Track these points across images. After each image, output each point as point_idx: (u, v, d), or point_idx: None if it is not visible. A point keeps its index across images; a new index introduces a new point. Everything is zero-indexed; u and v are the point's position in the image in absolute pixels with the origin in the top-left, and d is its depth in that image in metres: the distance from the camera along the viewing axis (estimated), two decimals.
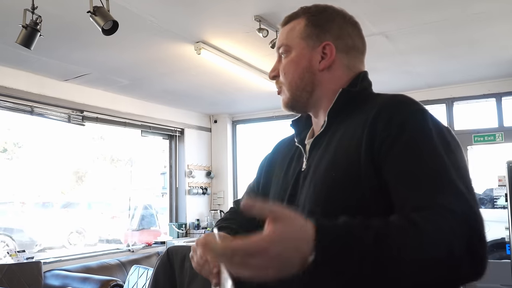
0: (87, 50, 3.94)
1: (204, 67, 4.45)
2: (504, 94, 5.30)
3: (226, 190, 7.07)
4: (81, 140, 6.49)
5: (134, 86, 5.16)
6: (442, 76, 5.09)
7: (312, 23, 1.14)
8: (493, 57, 4.51)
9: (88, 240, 8.28)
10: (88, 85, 5.03)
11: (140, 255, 5.61)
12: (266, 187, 1.26)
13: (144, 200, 7.61)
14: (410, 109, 0.97)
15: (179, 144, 6.68)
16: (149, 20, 3.32)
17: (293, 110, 1.20)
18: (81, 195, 8.05)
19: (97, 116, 5.31)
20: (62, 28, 3.40)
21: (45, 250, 7.06)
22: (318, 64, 1.12)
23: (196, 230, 6.58)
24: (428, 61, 4.55)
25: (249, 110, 6.92)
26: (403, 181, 0.89)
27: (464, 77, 5.18)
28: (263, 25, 3.42)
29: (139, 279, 3.79)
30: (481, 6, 3.26)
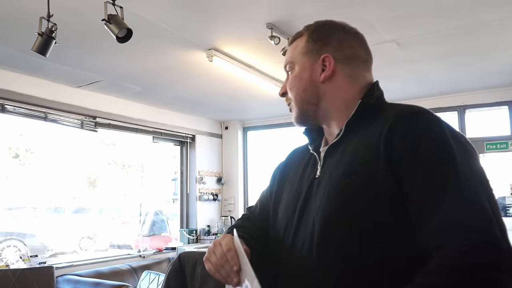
0: (100, 57, 3.99)
1: (215, 74, 4.48)
2: None
3: (236, 196, 7.08)
4: (93, 146, 6.54)
5: (146, 93, 5.20)
6: (454, 83, 5.07)
7: (312, 38, 1.18)
8: (504, 65, 4.49)
9: (99, 245, 8.32)
10: (100, 91, 5.08)
11: (151, 260, 5.63)
12: (279, 194, 1.27)
13: (155, 206, 7.64)
14: (425, 120, 0.99)
15: (190, 150, 6.71)
16: (162, 27, 3.36)
17: (304, 124, 1.24)
18: (93, 201, 8.10)
19: (110, 122, 5.36)
20: (75, 35, 3.44)
21: (56, 255, 7.11)
22: (319, 76, 1.15)
23: (207, 236, 6.59)
24: (440, 68, 4.53)
25: (260, 117, 6.94)
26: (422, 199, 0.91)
27: (476, 85, 5.16)
28: (275, 32, 3.44)
29: (150, 284, 3.80)
30: (493, 14, 3.26)
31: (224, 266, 1.05)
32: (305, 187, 1.15)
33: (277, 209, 1.25)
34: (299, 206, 1.13)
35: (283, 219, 1.18)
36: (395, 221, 0.94)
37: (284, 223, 1.16)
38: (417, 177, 0.92)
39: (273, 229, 1.22)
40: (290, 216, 1.15)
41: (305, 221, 1.10)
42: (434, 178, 0.91)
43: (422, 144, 0.94)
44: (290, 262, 1.10)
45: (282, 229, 1.16)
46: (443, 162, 0.92)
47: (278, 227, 1.19)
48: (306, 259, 1.04)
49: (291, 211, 1.16)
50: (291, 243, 1.10)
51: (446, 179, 0.90)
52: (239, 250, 1.04)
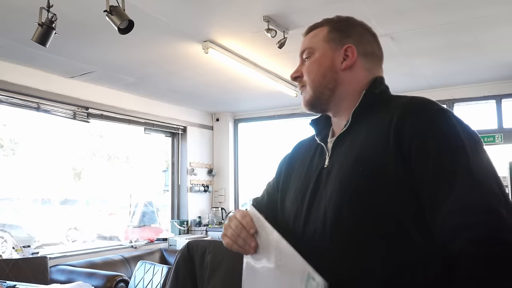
0: (95, 48, 3.98)
1: (210, 65, 4.50)
2: (504, 96, 5.38)
3: (227, 188, 7.12)
4: (80, 137, 6.50)
5: (139, 84, 5.20)
6: (444, 77, 5.15)
7: (335, 29, 1.21)
8: (495, 60, 4.58)
9: (86, 237, 8.30)
10: (93, 82, 5.07)
11: (143, 251, 5.66)
12: (286, 185, 1.30)
13: (145, 197, 7.64)
14: (433, 109, 1.04)
15: (181, 141, 6.72)
16: (160, 19, 3.36)
17: (314, 108, 1.25)
18: (79, 192, 8.06)
19: (102, 113, 5.34)
20: (71, 26, 3.43)
21: (43, 247, 7.07)
22: (340, 64, 1.19)
23: (198, 227, 6.63)
24: (431, 62, 4.61)
25: (252, 109, 6.98)
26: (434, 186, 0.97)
27: (466, 79, 5.25)
28: (272, 25, 3.47)
29: (145, 274, 3.84)
30: (486, 10, 3.33)
31: (241, 234, 1.09)
32: (314, 177, 1.18)
33: (284, 199, 1.28)
34: (308, 196, 1.16)
35: (292, 209, 1.21)
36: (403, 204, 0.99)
37: (294, 213, 1.19)
38: (428, 164, 0.97)
39: (281, 219, 1.25)
40: (299, 206, 1.18)
41: (315, 210, 1.13)
42: (444, 165, 0.96)
43: (431, 133, 0.99)
44: (301, 250, 1.14)
45: (291, 219, 1.19)
46: (453, 149, 0.97)
47: (287, 216, 1.22)
48: (318, 247, 1.07)
49: (300, 201, 1.19)
50: (302, 231, 1.13)
51: (456, 166, 0.95)
52: (255, 215, 1.09)
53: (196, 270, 1.57)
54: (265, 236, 1.08)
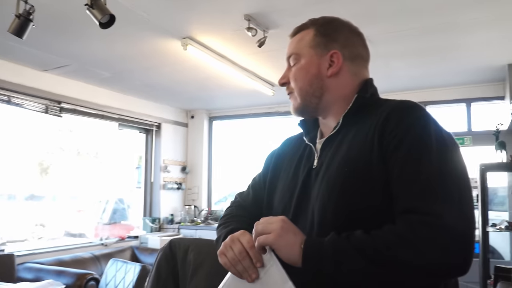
0: (71, 41, 3.89)
1: (188, 62, 4.46)
2: (473, 100, 5.53)
3: (200, 185, 7.09)
4: (48, 132, 6.35)
5: (115, 79, 5.12)
6: (418, 80, 5.26)
7: (320, 33, 1.21)
8: (467, 64, 4.71)
9: (53, 234, 8.11)
10: (67, 76, 4.96)
11: (113, 249, 5.58)
12: (274, 182, 1.31)
13: (117, 194, 7.52)
14: (415, 115, 1.06)
15: (155, 138, 6.66)
16: (140, 14, 3.32)
17: (303, 115, 1.27)
18: (47, 188, 7.87)
19: (75, 108, 5.24)
20: (48, 18, 3.34)
21: (6, 244, 6.89)
22: (326, 71, 1.20)
23: (170, 225, 6.58)
24: (406, 65, 4.70)
25: (227, 107, 6.96)
26: (402, 182, 0.99)
27: (438, 82, 5.37)
28: (252, 24, 3.47)
29: (117, 272, 3.77)
30: (460, 15, 3.42)
31: (242, 262, 1.05)
32: (302, 176, 1.19)
33: (272, 196, 1.29)
34: (296, 195, 1.18)
35: (279, 207, 1.23)
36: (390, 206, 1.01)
37: (281, 211, 1.20)
38: (396, 165, 1.00)
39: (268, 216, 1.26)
40: (286, 204, 1.20)
41: (304, 209, 1.14)
42: (409, 167, 0.99)
43: (408, 136, 1.02)
44: None
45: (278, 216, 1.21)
46: (419, 156, 1.00)
47: (274, 213, 1.23)
48: None
49: (287, 199, 1.20)
50: None
51: (418, 170, 0.98)
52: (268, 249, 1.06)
53: (178, 268, 1.56)
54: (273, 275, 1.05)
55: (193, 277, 1.50)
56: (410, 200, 0.96)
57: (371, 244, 0.94)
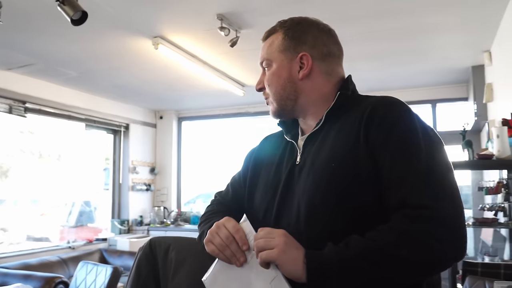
0: (37, 40, 3.79)
1: (159, 62, 4.42)
2: (438, 101, 5.69)
3: (169, 186, 7.03)
4: (8, 133, 6.17)
5: (82, 79, 5.02)
6: (384, 81, 5.37)
7: (288, 36, 1.22)
8: (433, 66, 4.84)
9: (14, 238, 7.86)
10: (32, 75, 4.83)
11: (81, 252, 5.46)
12: (255, 179, 1.31)
13: (83, 196, 7.37)
14: (399, 109, 1.09)
15: (123, 139, 6.56)
16: (108, 11, 3.26)
17: (281, 117, 1.29)
18: (7, 191, 7.64)
19: (40, 108, 5.11)
20: (10, 15, 3.23)
21: None
22: (297, 74, 1.21)
23: (139, 226, 6.50)
24: (373, 67, 4.79)
25: (197, 107, 6.93)
26: (393, 178, 1.02)
27: (404, 83, 5.50)
28: (225, 24, 3.47)
29: (88, 275, 3.70)
30: (427, 18, 3.51)
31: (230, 246, 1.08)
32: (285, 173, 1.21)
33: (253, 193, 1.29)
34: (279, 191, 1.19)
35: (262, 204, 1.23)
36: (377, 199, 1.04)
37: (264, 208, 1.21)
38: (386, 160, 1.03)
39: (249, 213, 1.25)
40: (269, 201, 1.20)
41: (288, 205, 1.15)
42: (399, 162, 1.02)
43: (395, 131, 1.05)
44: None
45: (261, 213, 1.21)
46: (408, 151, 1.03)
47: (256, 211, 1.24)
48: None
49: (271, 196, 1.21)
50: (274, 225, 1.14)
51: (409, 164, 1.01)
52: (250, 231, 1.09)
53: (159, 267, 1.54)
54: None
55: (175, 276, 1.48)
56: (403, 195, 0.98)
57: (372, 247, 0.95)
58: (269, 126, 5.90)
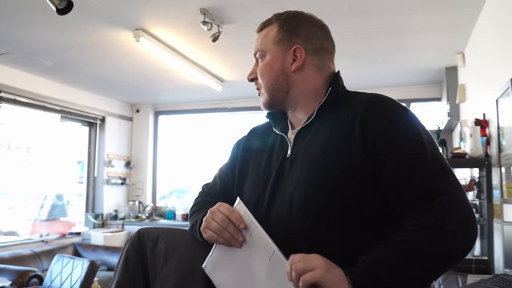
0: (15, 28, 3.72)
1: (140, 55, 4.39)
2: (413, 100, 5.82)
3: (145, 181, 6.99)
4: None
5: (59, 69, 4.94)
6: (359, 81, 5.44)
7: (283, 28, 1.24)
8: (408, 66, 4.95)
9: None
10: (7, 64, 4.73)
11: (54, 245, 5.39)
12: (244, 172, 1.33)
13: (56, 189, 7.25)
14: (392, 107, 1.13)
15: (99, 132, 6.48)
16: (92, 2, 3.23)
17: (272, 109, 1.30)
18: None
19: (15, 98, 5.00)
20: None
21: None
22: (290, 66, 1.23)
23: (114, 221, 6.44)
24: (349, 66, 4.85)
25: (174, 101, 6.90)
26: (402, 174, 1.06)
27: (379, 83, 5.60)
28: (207, 18, 3.47)
29: (63, 268, 3.65)
30: (405, 19, 3.60)
31: (227, 228, 1.11)
32: (276, 165, 1.22)
33: (242, 185, 1.31)
34: (270, 183, 1.20)
35: (252, 196, 1.24)
36: (373, 194, 1.08)
37: (254, 200, 1.22)
38: (393, 155, 1.07)
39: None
40: (260, 193, 1.22)
41: (279, 197, 1.17)
42: (406, 155, 1.07)
43: (394, 128, 1.09)
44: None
45: (251, 205, 1.21)
46: (414, 142, 1.08)
47: (246, 202, 1.23)
48: (282, 231, 1.11)
49: (261, 188, 1.22)
50: (264, 217, 1.16)
51: (416, 156, 1.06)
52: (245, 211, 1.12)
53: (147, 257, 1.53)
54: (255, 236, 1.10)
55: (164, 266, 1.48)
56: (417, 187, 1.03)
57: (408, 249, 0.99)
58: (246, 122, 5.90)
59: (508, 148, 2.69)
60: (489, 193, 3.12)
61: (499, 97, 2.83)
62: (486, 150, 3.20)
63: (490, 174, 3.13)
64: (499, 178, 2.93)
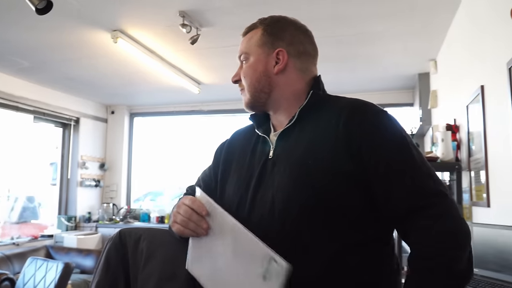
0: None
1: (117, 56, 4.37)
2: (386, 106, 5.92)
3: (119, 183, 6.93)
4: None
5: (34, 69, 4.86)
6: (335, 85, 5.51)
7: (267, 32, 1.28)
8: (382, 72, 5.06)
9: None
10: None
11: (26, 248, 5.30)
12: (226, 173, 1.34)
13: (27, 191, 7.11)
14: (374, 111, 1.17)
15: (73, 133, 6.40)
16: (70, 2, 3.21)
17: (253, 109, 1.33)
18: None
19: None
20: None
21: None
22: (273, 68, 1.26)
23: (87, 223, 6.36)
24: (327, 71, 4.90)
25: (150, 103, 6.87)
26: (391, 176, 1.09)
27: (353, 88, 5.68)
28: (186, 21, 3.49)
29: (37, 271, 3.60)
30: (380, 26, 3.69)
31: (191, 218, 1.12)
32: (258, 167, 1.24)
33: (224, 187, 1.32)
34: (252, 185, 1.22)
35: (235, 197, 1.26)
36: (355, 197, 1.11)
37: (237, 200, 1.24)
38: (380, 158, 1.10)
39: (221, 206, 1.29)
40: (243, 194, 1.23)
41: (261, 198, 1.19)
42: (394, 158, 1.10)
43: (378, 132, 1.12)
44: None
45: (234, 206, 1.23)
46: (398, 144, 1.12)
47: (229, 204, 1.26)
48: (264, 232, 1.12)
49: (244, 189, 1.24)
50: (247, 218, 1.18)
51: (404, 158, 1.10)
52: (206, 199, 1.13)
53: (128, 257, 1.53)
54: (219, 219, 1.11)
55: (146, 266, 1.49)
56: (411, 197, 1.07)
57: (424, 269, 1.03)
58: (222, 124, 5.91)
59: (477, 152, 2.79)
60: (459, 196, 3.21)
61: (469, 103, 2.93)
62: (457, 155, 3.30)
63: (460, 177, 3.23)
64: (468, 181, 3.02)
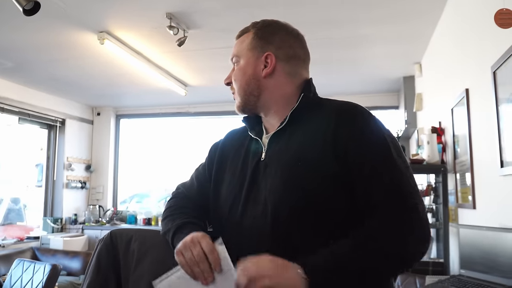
0: None
1: (103, 57, 4.35)
2: (371, 108, 5.95)
3: (106, 185, 6.89)
4: None
5: (18, 70, 4.82)
6: (320, 87, 5.52)
7: (257, 36, 1.30)
8: (367, 75, 5.11)
9: None
10: None
11: (11, 250, 5.24)
12: (220, 173, 1.35)
13: (12, 193, 7.04)
14: (364, 116, 1.19)
15: (59, 135, 6.35)
16: (56, 3, 3.19)
17: (245, 112, 1.35)
18: None
19: None
20: None
21: None
22: (261, 72, 1.29)
23: (73, 225, 6.31)
24: (312, 73, 4.95)
25: (136, 105, 6.84)
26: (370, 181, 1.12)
27: (339, 90, 5.73)
28: (173, 23, 3.49)
29: (24, 273, 3.57)
30: (365, 29, 3.74)
31: (201, 266, 1.10)
32: (250, 168, 1.26)
33: (218, 187, 1.33)
34: (246, 186, 1.24)
35: (229, 198, 1.27)
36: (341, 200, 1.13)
37: (230, 202, 1.26)
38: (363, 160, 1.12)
39: (215, 206, 1.31)
40: (236, 195, 1.25)
41: (253, 200, 1.21)
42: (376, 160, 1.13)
43: (365, 135, 1.15)
44: (238, 236, 1.20)
45: (227, 207, 1.25)
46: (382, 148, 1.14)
47: (222, 204, 1.28)
48: (257, 234, 1.16)
49: (237, 190, 1.25)
50: (239, 219, 1.20)
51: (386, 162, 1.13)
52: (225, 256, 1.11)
53: (119, 258, 1.53)
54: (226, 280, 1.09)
55: (137, 267, 1.49)
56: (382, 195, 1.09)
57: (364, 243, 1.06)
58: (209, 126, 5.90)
59: (462, 155, 2.84)
60: (445, 198, 3.26)
61: (454, 106, 2.98)
62: (442, 157, 3.35)
63: (446, 180, 3.28)
64: (454, 183, 3.07)
